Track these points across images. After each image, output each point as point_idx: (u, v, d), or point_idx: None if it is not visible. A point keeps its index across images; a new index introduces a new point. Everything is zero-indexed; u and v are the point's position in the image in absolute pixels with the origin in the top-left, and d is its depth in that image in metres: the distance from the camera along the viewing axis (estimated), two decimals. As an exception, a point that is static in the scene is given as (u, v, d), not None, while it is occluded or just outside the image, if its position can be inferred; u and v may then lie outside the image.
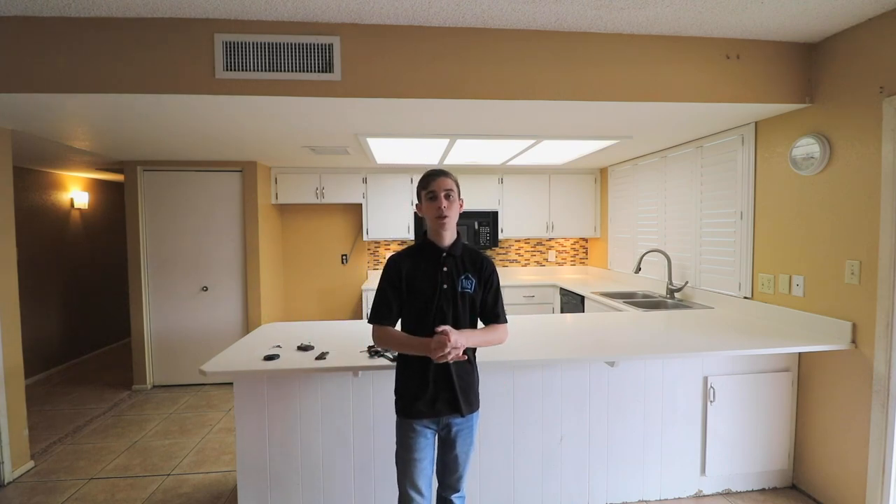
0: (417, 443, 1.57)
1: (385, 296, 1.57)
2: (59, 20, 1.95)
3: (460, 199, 1.60)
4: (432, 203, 1.54)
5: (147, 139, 3.06)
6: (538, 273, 5.13)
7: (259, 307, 4.06)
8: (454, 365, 1.55)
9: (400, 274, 1.56)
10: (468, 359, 1.58)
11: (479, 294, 1.60)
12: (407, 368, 1.60)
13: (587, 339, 2.32)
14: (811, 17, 2.05)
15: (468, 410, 1.59)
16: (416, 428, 1.57)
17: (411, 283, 1.56)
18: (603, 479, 2.30)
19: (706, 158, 3.11)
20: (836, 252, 2.20)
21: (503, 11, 1.97)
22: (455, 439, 1.60)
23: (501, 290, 1.66)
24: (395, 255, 1.61)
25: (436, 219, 1.54)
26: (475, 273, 1.59)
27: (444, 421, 1.58)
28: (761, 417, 2.39)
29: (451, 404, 1.56)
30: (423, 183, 1.57)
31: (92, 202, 5.21)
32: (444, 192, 1.53)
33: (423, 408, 1.55)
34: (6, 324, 2.63)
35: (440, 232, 1.56)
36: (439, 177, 1.55)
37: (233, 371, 1.91)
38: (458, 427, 1.60)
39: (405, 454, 1.58)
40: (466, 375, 1.59)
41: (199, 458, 2.82)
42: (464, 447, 1.62)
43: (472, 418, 1.63)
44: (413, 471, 1.57)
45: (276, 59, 2.03)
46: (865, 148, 2.06)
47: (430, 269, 1.56)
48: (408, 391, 1.58)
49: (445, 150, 3.51)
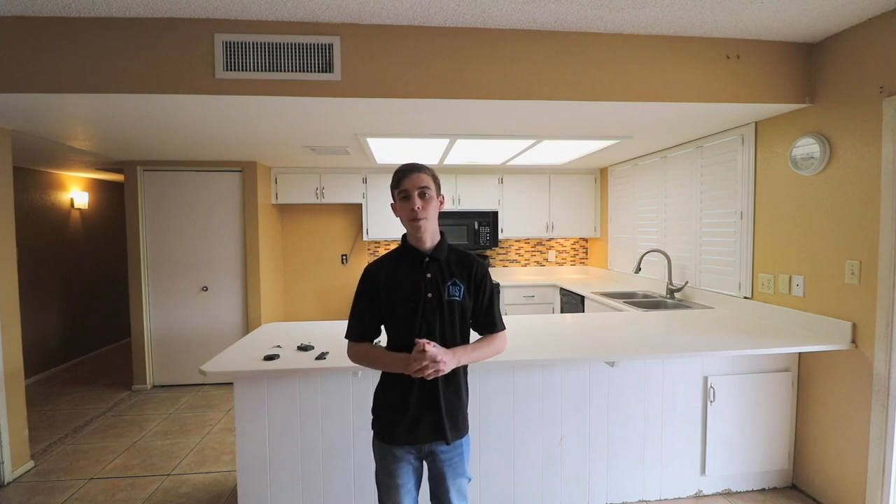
0: (399, 468, 1.40)
1: (359, 309, 1.41)
2: (59, 20, 1.95)
3: (440, 195, 1.41)
4: (405, 203, 1.35)
5: (147, 139, 3.06)
6: (538, 273, 5.12)
7: (259, 307, 4.06)
8: (442, 385, 1.37)
9: (377, 283, 1.39)
10: (459, 380, 1.42)
11: (471, 301, 1.41)
12: (387, 386, 1.42)
13: (587, 339, 2.32)
14: (811, 17, 2.05)
15: (455, 436, 1.39)
16: (397, 454, 1.40)
17: (391, 293, 1.37)
18: (603, 479, 2.30)
19: (706, 158, 3.11)
20: (836, 252, 2.19)
21: (503, 11, 1.97)
22: (444, 471, 1.40)
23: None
24: (372, 262, 1.44)
25: (410, 221, 1.35)
26: (463, 278, 1.40)
27: (427, 449, 1.40)
28: (761, 417, 2.39)
29: (435, 429, 1.37)
30: (395, 180, 1.38)
31: (92, 202, 5.21)
32: (417, 191, 1.34)
33: (402, 433, 1.37)
34: (6, 324, 2.62)
35: (417, 235, 1.38)
36: (412, 173, 1.35)
37: (233, 371, 1.91)
38: (444, 455, 1.40)
39: (387, 480, 1.41)
40: (454, 397, 1.40)
41: (199, 458, 2.82)
42: (455, 479, 1.42)
43: (462, 445, 1.43)
44: (397, 496, 1.40)
45: (276, 59, 2.03)
46: (865, 148, 2.06)
47: (411, 277, 1.37)
48: (386, 412, 1.41)
49: (445, 150, 3.51)
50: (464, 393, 1.45)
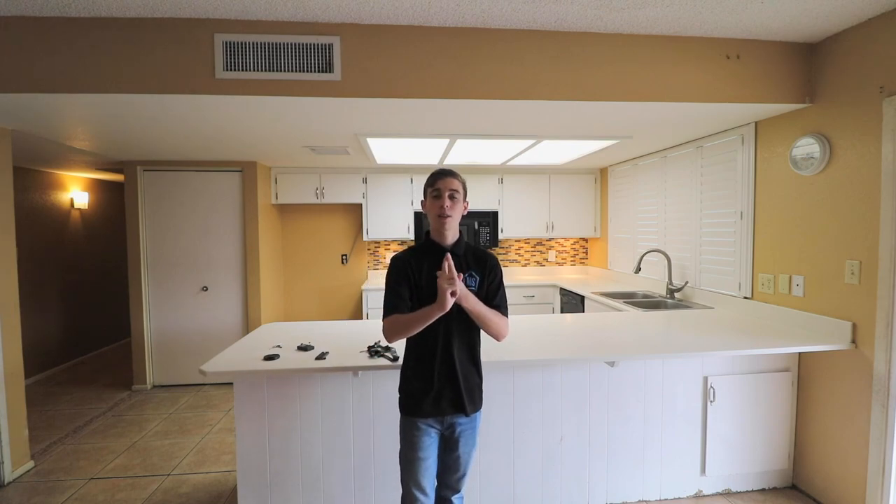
0: (422, 441, 1.56)
1: (397, 290, 1.55)
2: (59, 20, 1.95)
3: (465, 201, 1.61)
4: (436, 201, 1.55)
5: (147, 139, 3.06)
6: (538, 273, 5.13)
7: (259, 307, 4.06)
8: (460, 364, 1.55)
9: (406, 267, 1.56)
10: (476, 358, 1.61)
11: (484, 290, 1.59)
12: (412, 366, 1.59)
13: (587, 339, 2.32)
14: (811, 17, 2.05)
15: (472, 410, 1.59)
16: (421, 426, 1.56)
17: (416, 281, 1.55)
18: (603, 478, 2.30)
19: (706, 158, 3.11)
20: (836, 252, 2.19)
21: (503, 11, 1.97)
22: (458, 439, 1.59)
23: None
24: (399, 254, 1.61)
25: (437, 217, 1.55)
26: (479, 270, 1.59)
27: (449, 420, 1.58)
28: (761, 417, 2.39)
29: (455, 403, 1.55)
30: (430, 181, 1.58)
31: (92, 202, 5.21)
32: (448, 192, 1.54)
33: (427, 407, 1.55)
34: (6, 324, 2.62)
35: (441, 231, 1.57)
36: (446, 177, 1.56)
37: (233, 371, 1.91)
38: (461, 427, 1.59)
39: (410, 453, 1.57)
40: (472, 375, 1.60)
41: (199, 458, 2.82)
42: (466, 447, 1.61)
43: (476, 418, 1.63)
44: (418, 470, 1.56)
45: (277, 59, 2.03)
46: (865, 148, 2.06)
47: (433, 269, 1.54)
48: (413, 389, 1.58)
49: (445, 150, 3.51)
50: (480, 370, 1.65)
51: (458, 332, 1.56)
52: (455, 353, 1.55)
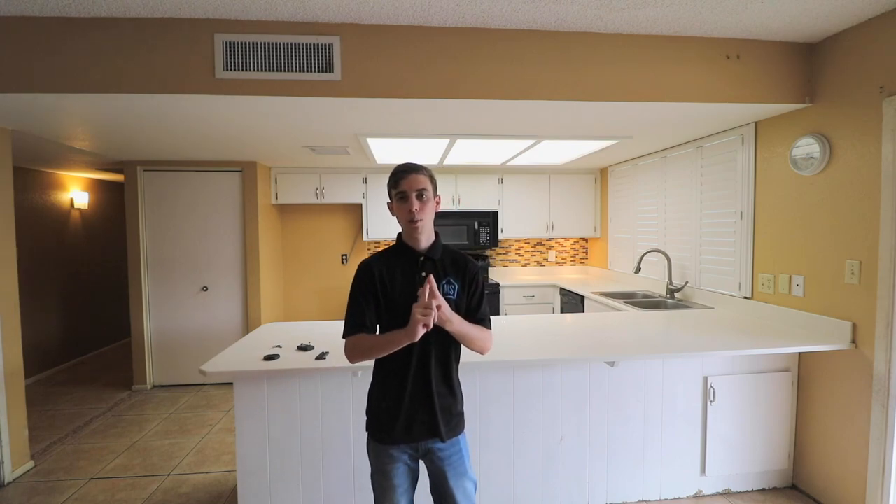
0: (395, 469, 1.39)
1: (357, 304, 1.38)
2: (59, 20, 1.95)
3: (436, 195, 1.42)
4: (403, 204, 1.36)
5: (147, 139, 3.06)
6: (538, 273, 5.12)
7: (259, 307, 4.06)
8: (435, 383, 1.38)
9: (373, 278, 1.37)
10: (452, 378, 1.43)
11: (464, 299, 1.42)
12: (381, 385, 1.42)
13: (587, 339, 2.32)
14: (811, 17, 2.05)
15: (449, 435, 1.39)
16: (393, 454, 1.39)
17: (387, 290, 1.37)
18: (603, 478, 2.30)
19: (706, 158, 3.11)
20: (836, 252, 2.19)
21: (503, 11, 1.97)
22: (444, 469, 1.40)
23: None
24: (368, 259, 1.44)
25: (408, 223, 1.37)
26: (458, 276, 1.41)
27: (424, 446, 1.40)
28: (761, 417, 2.39)
29: (429, 427, 1.37)
30: (392, 181, 1.38)
31: (92, 202, 5.21)
32: (415, 192, 1.35)
33: (397, 432, 1.37)
34: (6, 324, 2.62)
35: (414, 236, 1.39)
36: (410, 174, 1.36)
37: (233, 371, 1.92)
38: (442, 454, 1.40)
39: (384, 481, 1.40)
40: (448, 394, 1.41)
41: (199, 458, 2.82)
42: (459, 480, 1.41)
43: (459, 443, 1.44)
44: (393, 497, 1.40)
45: (276, 59, 2.03)
46: (865, 148, 2.06)
47: (407, 275, 1.38)
48: (379, 411, 1.41)
49: (445, 150, 3.51)
50: (457, 391, 1.45)
51: (436, 348, 1.38)
52: (432, 372, 1.38)
